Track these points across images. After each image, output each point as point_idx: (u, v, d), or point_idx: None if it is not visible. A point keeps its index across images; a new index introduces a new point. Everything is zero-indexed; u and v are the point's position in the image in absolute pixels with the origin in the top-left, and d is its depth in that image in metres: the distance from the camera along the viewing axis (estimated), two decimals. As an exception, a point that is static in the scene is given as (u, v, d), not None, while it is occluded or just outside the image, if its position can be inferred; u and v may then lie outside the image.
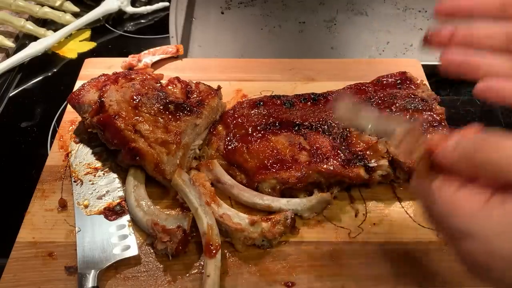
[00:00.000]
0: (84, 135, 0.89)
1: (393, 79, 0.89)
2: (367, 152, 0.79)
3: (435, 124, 0.79)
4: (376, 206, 0.79)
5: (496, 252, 0.41)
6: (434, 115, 0.80)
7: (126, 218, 0.76)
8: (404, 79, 0.89)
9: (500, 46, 0.51)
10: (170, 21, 1.24)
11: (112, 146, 0.81)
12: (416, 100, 0.83)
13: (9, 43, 1.18)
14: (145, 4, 1.35)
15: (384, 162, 0.78)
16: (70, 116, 0.94)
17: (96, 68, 1.03)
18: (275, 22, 1.30)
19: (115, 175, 0.83)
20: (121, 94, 0.82)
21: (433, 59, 1.16)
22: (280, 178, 0.76)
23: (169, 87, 0.87)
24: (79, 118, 0.91)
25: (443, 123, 0.80)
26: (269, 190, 0.77)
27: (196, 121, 0.81)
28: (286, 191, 0.79)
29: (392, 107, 0.82)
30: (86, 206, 0.78)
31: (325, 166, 0.77)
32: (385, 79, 0.90)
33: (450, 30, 0.52)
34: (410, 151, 0.53)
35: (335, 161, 0.77)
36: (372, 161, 0.78)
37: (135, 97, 0.81)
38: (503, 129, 0.96)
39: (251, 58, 1.11)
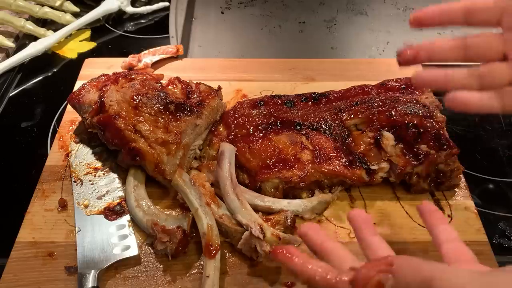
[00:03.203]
0: (84, 135, 0.89)
1: (398, 84, 0.89)
2: (368, 154, 0.79)
3: (433, 132, 0.79)
4: (376, 206, 0.79)
5: None
6: (434, 123, 0.80)
7: (126, 218, 0.76)
8: (409, 84, 0.89)
9: (460, 57, 0.58)
10: (170, 21, 1.24)
11: (112, 146, 0.81)
12: (418, 105, 0.83)
13: (9, 43, 1.18)
14: (145, 4, 1.35)
15: (385, 165, 0.78)
16: (70, 116, 0.94)
17: (96, 68, 1.03)
18: (275, 22, 1.30)
19: (115, 175, 0.83)
20: (121, 94, 0.82)
21: (433, 59, 1.17)
22: (283, 177, 0.76)
23: (170, 87, 0.87)
24: (79, 118, 0.91)
25: (441, 131, 0.79)
26: (272, 190, 0.77)
27: (197, 121, 0.81)
28: (289, 191, 0.79)
29: (393, 111, 0.82)
30: (86, 206, 0.78)
31: (328, 166, 0.77)
32: (390, 82, 0.90)
33: (414, 50, 0.58)
34: None
35: (337, 162, 0.77)
36: (374, 163, 0.78)
37: (135, 97, 0.81)
38: (503, 129, 0.96)
39: (251, 58, 1.11)
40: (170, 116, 0.80)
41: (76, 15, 1.26)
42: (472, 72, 0.56)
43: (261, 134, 0.82)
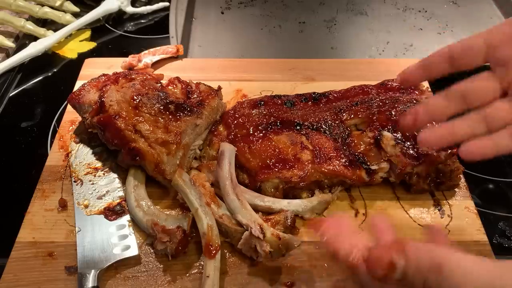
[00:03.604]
0: (84, 135, 0.89)
1: (398, 83, 0.89)
2: (368, 154, 0.79)
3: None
4: (376, 206, 0.79)
5: None
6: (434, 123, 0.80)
7: (126, 218, 0.76)
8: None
9: (461, 107, 0.57)
10: (170, 21, 1.24)
11: (112, 146, 0.81)
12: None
13: (9, 43, 1.18)
14: (145, 4, 1.35)
15: (385, 165, 0.78)
16: (70, 116, 0.94)
17: (96, 68, 1.03)
18: (275, 22, 1.30)
19: (115, 175, 0.83)
20: (122, 94, 0.82)
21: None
22: (283, 177, 0.76)
23: (170, 87, 0.87)
24: (79, 118, 0.91)
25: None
26: (272, 190, 0.77)
27: (197, 121, 0.81)
28: (289, 191, 0.79)
29: (392, 111, 0.82)
30: (86, 206, 0.78)
31: (328, 166, 0.77)
32: (390, 82, 0.90)
33: (412, 116, 0.59)
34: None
35: (337, 162, 0.77)
36: (374, 163, 0.78)
37: (135, 97, 0.81)
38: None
39: (251, 58, 1.11)
40: (170, 116, 0.80)
41: (76, 15, 1.26)
42: (476, 117, 0.56)
43: (261, 134, 0.82)
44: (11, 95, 1.07)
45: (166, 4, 1.32)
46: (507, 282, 0.38)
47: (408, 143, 0.78)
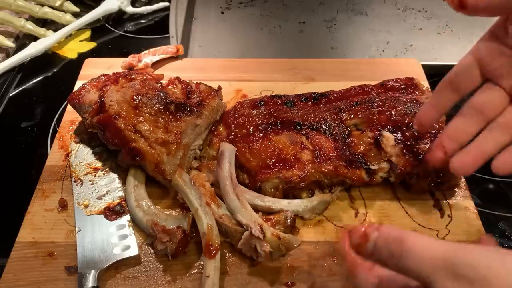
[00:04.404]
0: (84, 135, 0.89)
1: (398, 84, 0.89)
2: (368, 154, 0.79)
3: (433, 132, 0.79)
4: (376, 206, 0.79)
5: None
6: None
7: (126, 218, 0.76)
8: (409, 84, 0.89)
9: (480, 125, 0.59)
10: (170, 21, 1.24)
11: (112, 146, 0.81)
12: (418, 105, 0.83)
13: (9, 43, 1.18)
14: (145, 4, 1.35)
15: (385, 165, 0.78)
16: (70, 116, 0.94)
17: (96, 68, 1.03)
18: (275, 22, 1.30)
19: (115, 175, 0.83)
20: (122, 94, 0.82)
21: (433, 59, 1.17)
22: (283, 177, 0.76)
23: (170, 87, 0.87)
24: (79, 118, 0.91)
25: (441, 131, 0.79)
26: (272, 190, 0.77)
27: (197, 121, 0.81)
28: (289, 191, 0.79)
29: (393, 111, 0.82)
30: (86, 206, 0.78)
31: (328, 166, 0.77)
32: (390, 82, 0.90)
33: (440, 150, 0.61)
34: None
35: (337, 162, 0.77)
36: (374, 163, 0.78)
37: (135, 97, 0.81)
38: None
39: (251, 58, 1.11)
40: (170, 116, 0.80)
41: (76, 15, 1.26)
42: (496, 129, 0.57)
43: (261, 134, 0.82)
44: (11, 95, 1.07)
45: (166, 4, 1.32)
46: (460, 258, 0.40)
47: (408, 143, 0.78)
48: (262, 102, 0.88)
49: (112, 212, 0.77)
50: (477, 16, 0.56)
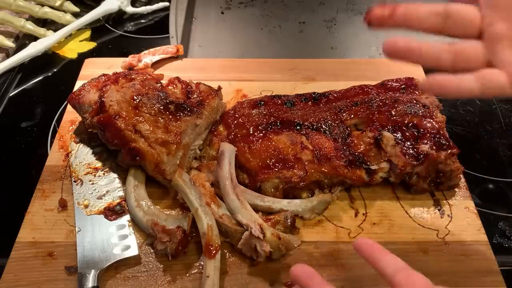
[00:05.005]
0: (84, 135, 0.89)
1: (398, 83, 0.89)
2: (368, 154, 0.79)
3: (433, 132, 0.79)
4: (376, 206, 0.79)
5: None
6: (434, 123, 0.80)
7: (126, 218, 0.76)
8: (409, 84, 0.89)
9: (438, 25, 0.54)
10: (170, 21, 1.24)
11: (112, 146, 0.81)
12: (418, 105, 0.83)
13: (9, 43, 1.18)
14: (145, 4, 1.35)
15: (385, 165, 0.78)
16: (70, 116, 0.94)
17: (96, 68, 1.03)
18: (275, 22, 1.30)
19: (115, 175, 0.83)
20: (122, 94, 0.82)
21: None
22: (283, 177, 0.76)
23: (170, 87, 0.87)
24: (79, 118, 0.91)
25: (441, 132, 0.79)
26: (272, 190, 0.77)
27: (197, 121, 0.81)
28: (289, 191, 0.79)
29: (392, 111, 0.82)
30: (86, 206, 0.78)
31: (328, 166, 0.77)
32: (390, 82, 0.90)
33: (389, 9, 0.55)
34: None
35: (337, 162, 0.77)
36: (374, 163, 0.78)
37: (135, 97, 0.81)
38: (503, 129, 0.96)
39: (251, 58, 1.11)
40: (170, 116, 0.80)
41: (76, 15, 1.26)
42: (447, 48, 0.53)
43: (261, 134, 0.82)
44: (11, 95, 1.07)
45: (166, 4, 1.32)
46: None
47: (408, 143, 0.78)
48: (262, 102, 0.88)
49: (112, 212, 0.77)
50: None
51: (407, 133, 0.79)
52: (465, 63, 0.53)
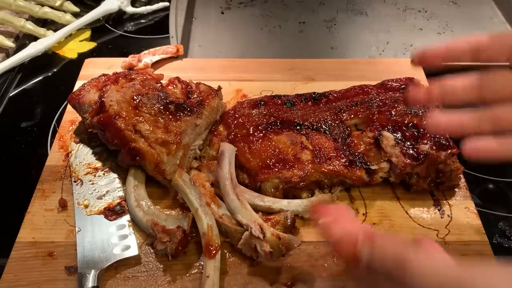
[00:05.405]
0: (84, 135, 0.89)
1: (398, 83, 0.89)
2: (368, 154, 0.79)
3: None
4: (376, 206, 0.79)
5: None
6: None
7: (126, 218, 0.76)
8: (409, 84, 0.89)
9: (474, 97, 0.54)
10: (170, 21, 1.24)
11: (112, 146, 0.81)
12: (417, 105, 0.83)
13: (9, 43, 1.18)
14: (145, 4, 1.35)
15: (385, 165, 0.78)
16: (70, 116, 0.94)
17: (96, 68, 1.03)
18: (275, 22, 1.30)
19: (115, 175, 0.83)
20: (122, 94, 0.82)
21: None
22: (283, 177, 0.76)
23: (170, 87, 0.87)
24: (79, 118, 0.91)
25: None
26: (272, 190, 0.77)
27: (197, 121, 0.81)
28: (289, 191, 0.79)
29: (392, 111, 0.82)
30: (86, 206, 0.78)
31: (328, 166, 0.77)
32: (390, 82, 0.90)
33: (426, 91, 0.56)
34: None
35: (337, 162, 0.77)
36: (374, 163, 0.78)
37: (135, 97, 0.81)
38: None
39: (251, 58, 1.11)
40: (170, 116, 0.80)
41: (76, 15, 1.26)
42: (485, 115, 0.54)
43: (261, 134, 0.82)
44: (11, 95, 1.07)
45: (166, 4, 1.32)
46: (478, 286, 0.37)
47: (408, 143, 0.78)
48: (262, 102, 0.88)
49: (112, 212, 0.77)
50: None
51: (407, 133, 0.79)
52: (506, 127, 0.53)
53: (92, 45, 1.22)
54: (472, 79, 0.55)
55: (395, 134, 0.79)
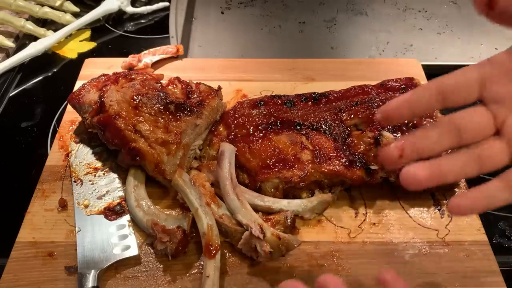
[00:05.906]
0: (84, 135, 0.89)
1: (398, 83, 0.89)
2: (368, 154, 0.79)
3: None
4: (376, 206, 0.79)
5: None
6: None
7: (126, 218, 0.76)
8: (409, 84, 0.89)
9: (453, 142, 0.50)
10: (170, 21, 1.24)
11: (112, 146, 0.81)
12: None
13: (9, 43, 1.18)
14: (145, 4, 1.35)
15: (385, 165, 0.78)
16: (70, 116, 0.94)
17: (96, 68, 1.03)
18: (275, 22, 1.30)
19: (115, 175, 0.83)
20: (122, 94, 0.82)
21: (433, 59, 1.17)
22: (283, 177, 0.76)
23: (170, 87, 0.87)
24: (79, 118, 0.91)
25: (408, 133, 0.79)
26: (272, 190, 0.77)
27: (197, 121, 0.81)
28: (289, 191, 0.79)
29: (392, 110, 0.82)
30: (86, 206, 0.78)
31: (328, 166, 0.77)
32: (390, 82, 0.90)
33: (398, 150, 0.51)
34: None
35: (337, 162, 0.77)
36: (374, 163, 0.78)
37: (135, 97, 0.81)
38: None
39: (251, 58, 1.11)
40: (170, 116, 0.80)
41: (76, 15, 1.26)
42: (467, 157, 0.50)
43: (261, 134, 0.82)
44: (11, 95, 1.07)
45: (166, 4, 1.32)
46: None
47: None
48: (262, 102, 0.88)
49: (112, 212, 0.77)
50: (500, 24, 0.49)
51: (407, 133, 0.79)
52: (490, 165, 0.50)
53: (92, 45, 1.22)
54: (447, 126, 0.50)
55: (395, 134, 0.79)
